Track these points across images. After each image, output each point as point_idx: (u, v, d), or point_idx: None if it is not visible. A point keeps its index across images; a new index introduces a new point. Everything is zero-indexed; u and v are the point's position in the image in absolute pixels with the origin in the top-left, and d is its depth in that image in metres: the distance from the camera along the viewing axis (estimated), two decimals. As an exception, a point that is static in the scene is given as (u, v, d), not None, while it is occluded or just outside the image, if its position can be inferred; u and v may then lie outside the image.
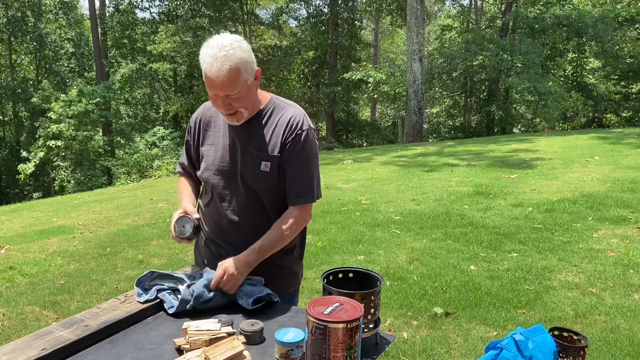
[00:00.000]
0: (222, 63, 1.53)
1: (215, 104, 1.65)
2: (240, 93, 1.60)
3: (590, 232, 5.02)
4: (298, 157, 1.71)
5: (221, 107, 1.63)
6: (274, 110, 1.75)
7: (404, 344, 3.04)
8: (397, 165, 9.92)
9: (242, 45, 1.58)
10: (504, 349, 1.22)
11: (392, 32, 33.65)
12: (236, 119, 1.67)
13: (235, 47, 1.55)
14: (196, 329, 1.37)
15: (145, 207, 7.72)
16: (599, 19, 18.72)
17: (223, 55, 1.53)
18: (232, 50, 1.54)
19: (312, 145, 1.74)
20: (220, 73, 1.53)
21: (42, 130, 20.22)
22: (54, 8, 27.42)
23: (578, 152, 9.61)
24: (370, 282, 1.50)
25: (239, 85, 1.58)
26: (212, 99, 1.64)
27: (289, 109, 1.76)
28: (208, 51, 1.55)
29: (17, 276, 4.63)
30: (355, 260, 4.55)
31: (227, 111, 1.64)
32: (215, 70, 1.53)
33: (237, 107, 1.63)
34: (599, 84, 21.34)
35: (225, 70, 1.53)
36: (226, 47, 1.54)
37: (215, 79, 1.54)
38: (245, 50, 1.58)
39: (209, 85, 1.58)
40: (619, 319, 3.28)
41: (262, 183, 1.72)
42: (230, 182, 1.75)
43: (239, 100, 1.62)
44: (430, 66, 19.14)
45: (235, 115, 1.66)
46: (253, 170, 1.71)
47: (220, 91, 1.58)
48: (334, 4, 23.26)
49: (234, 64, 1.54)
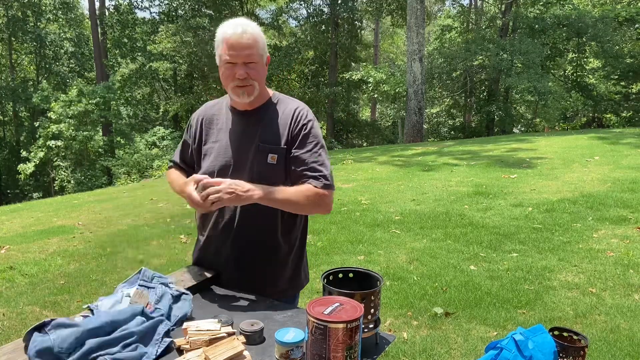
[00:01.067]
0: (246, 27, 1.63)
1: (230, 72, 1.66)
2: (257, 65, 1.66)
3: (590, 232, 5.02)
4: (308, 146, 1.72)
5: (238, 73, 1.65)
6: (278, 103, 1.78)
7: (404, 344, 3.04)
8: (397, 165, 9.92)
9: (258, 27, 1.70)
10: (504, 349, 1.22)
11: (392, 32, 33.65)
12: (247, 92, 1.68)
13: (255, 25, 1.67)
14: (196, 329, 1.36)
15: (145, 207, 7.71)
16: (599, 19, 18.72)
17: (246, 23, 1.64)
18: (254, 26, 1.66)
19: (320, 135, 1.77)
20: (245, 35, 1.61)
21: (42, 130, 20.22)
22: (54, 8, 27.42)
23: (578, 152, 9.61)
24: (370, 282, 1.50)
25: (258, 55, 1.65)
26: (228, 68, 1.65)
27: (292, 102, 1.80)
28: (229, 22, 1.65)
29: (17, 276, 4.63)
30: (355, 260, 4.55)
31: (242, 81, 1.66)
32: (240, 32, 1.61)
33: (252, 78, 1.67)
34: (599, 84, 21.34)
35: (249, 32, 1.62)
36: (247, 21, 1.66)
37: (239, 39, 1.62)
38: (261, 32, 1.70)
39: (231, 47, 1.62)
40: (619, 319, 3.28)
41: (270, 176, 1.70)
42: (237, 176, 1.71)
43: (255, 70, 1.66)
44: (430, 66, 19.14)
45: (247, 88, 1.67)
46: (260, 163, 1.70)
47: (242, 51, 1.62)
48: (334, 3, 23.27)
49: (256, 32, 1.65)
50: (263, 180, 1.68)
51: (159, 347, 1.34)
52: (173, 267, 4.56)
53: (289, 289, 1.86)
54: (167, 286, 1.59)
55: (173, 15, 23.81)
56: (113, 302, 1.49)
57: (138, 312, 1.40)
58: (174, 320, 1.48)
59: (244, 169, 1.72)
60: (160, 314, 1.46)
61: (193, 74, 25.16)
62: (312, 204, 1.68)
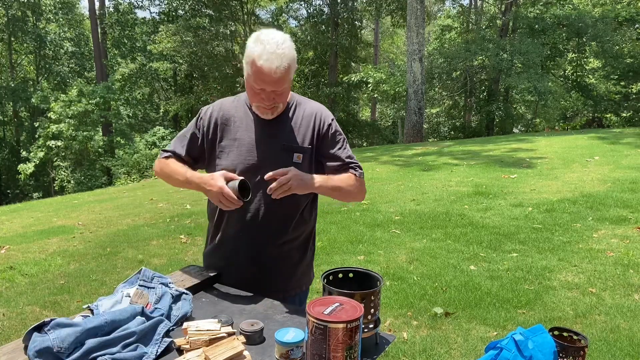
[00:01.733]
0: (282, 60, 1.58)
1: (257, 98, 1.67)
2: (285, 89, 1.67)
3: (590, 232, 5.02)
4: (338, 144, 1.80)
5: (266, 100, 1.66)
6: (297, 105, 1.81)
7: (404, 344, 3.04)
8: (397, 165, 9.92)
9: (292, 43, 1.65)
10: (504, 349, 1.22)
11: (392, 33, 33.64)
12: (271, 112, 1.72)
13: (289, 45, 1.62)
14: (196, 329, 1.37)
15: (145, 207, 7.71)
16: (599, 19, 18.72)
17: (282, 53, 1.58)
18: (287, 49, 1.61)
19: (341, 130, 1.84)
20: (279, 69, 1.58)
21: (42, 130, 20.22)
22: (53, 8, 27.41)
23: (578, 152, 9.61)
24: (370, 282, 1.50)
25: (287, 81, 1.65)
26: (256, 93, 1.66)
27: (310, 103, 1.85)
28: (265, 47, 1.58)
29: (17, 276, 4.63)
30: (355, 260, 4.55)
31: (269, 105, 1.68)
32: (275, 67, 1.57)
33: (278, 102, 1.69)
34: (599, 84, 21.33)
35: (283, 67, 1.58)
36: (282, 45, 1.59)
37: (272, 74, 1.58)
38: (294, 48, 1.65)
39: (261, 80, 1.60)
40: (619, 319, 3.28)
41: None
42: (259, 177, 1.73)
43: (282, 95, 1.68)
44: (430, 66, 19.13)
45: (272, 109, 1.71)
46: (285, 163, 1.71)
47: (271, 86, 1.62)
48: (334, 3, 23.26)
49: (289, 62, 1.60)
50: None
51: (159, 347, 1.34)
52: (173, 267, 4.57)
53: (303, 284, 1.91)
54: (167, 286, 1.59)
55: (173, 15, 23.80)
56: (113, 302, 1.49)
57: (138, 312, 1.40)
58: (174, 320, 1.48)
59: (269, 168, 1.71)
60: (160, 314, 1.46)
61: (193, 74, 25.14)
62: (357, 190, 1.80)
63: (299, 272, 1.88)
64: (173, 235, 5.79)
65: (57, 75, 27.69)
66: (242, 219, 1.78)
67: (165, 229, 6.08)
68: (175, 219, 6.59)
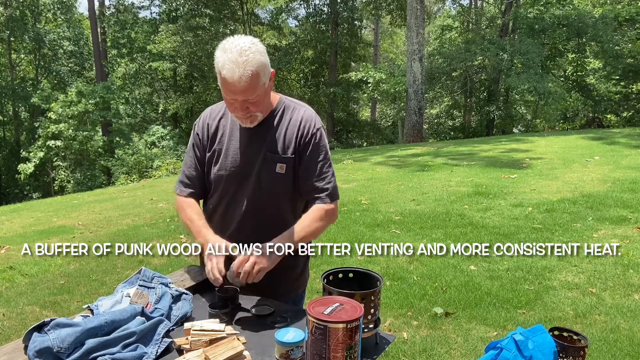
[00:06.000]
0: (244, 69, 1.51)
1: (232, 108, 1.64)
2: (258, 96, 1.59)
3: (590, 232, 5.02)
4: (317, 157, 1.72)
5: (238, 110, 1.62)
6: (284, 110, 1.75)
7: (404, 344, 3.04)
8: (396, 166, 9.92)
9: (259, 47, 1.56)
10: (504, 349, 1.22)
11: (391, 32, 33.64)
12: (250, 121, 1.67)
13: (254, 50, 1.54)
14: (200, 328, 1.36)
15: (145, 207, 7.71)
16: (599, 19, 18.70)
17: (244, 61, 1.51)
18: (252, 55, 1.53)
19: (327, 143, 1.77)
20: (242, 79, 1.51)
21: (42, 130, 20.21)
22: (52, 7, 27.39)
23: (578, 152, 9.61)
24: (370, 282, 1.50)
25: (258, 89, 1.57)
26: (229, 103, 1.63)
27: (299, 109, 1.76)
28: (227, 56, 1.52)
29: (17, 276, 4.63)
30: (355, 260, 4.55)
31: (243, 115, 1.63)
32: (237, 77, 1.51)
33: (254, 111, 1.63)
34: (599, 84, 21.32)
35: (247, 76, 1.51)
36: (246, 52, 1.52)
37: (237, 84, 1.52)
38: (262, 53, 1.57)
39: (229, 90, 1.55)
40: (619, 319, 3.28)
41: (278, 185, 1.71)
42: (243, 185, 1.72)
43: (256, 104, 1.61)
44: (430, 66, 19.13)
45: (250, 118, 1.65)
46: (268, 172, 1.70)
47: (240, 96, 1.56)
48: (333, 3, 23.26)
49: (254, 69, 1.53)
50: (270, 190, 1.70)
51: (159, 347, 1.34)
52: (173, 267, 4.56)
53: (299, 286, 1.91)
54: (167, 286, 1.59)
55: (173, 15, 23.79)
56: (113, 302, 1.49)
57: (138, 312, 1.40)
58: (174, 320, 1.48)
59: (251, 178, 1.71)
60: (160, 314, 1.46)
61: (193, 74, 25.12)
62: (326, 222, 1.74)
63: (292, 277, 1.86)
64: (173, 235, 5.79)
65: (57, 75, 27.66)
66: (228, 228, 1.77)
67: (165, 229, 6.08)
68: (175, 219, 6.59)
